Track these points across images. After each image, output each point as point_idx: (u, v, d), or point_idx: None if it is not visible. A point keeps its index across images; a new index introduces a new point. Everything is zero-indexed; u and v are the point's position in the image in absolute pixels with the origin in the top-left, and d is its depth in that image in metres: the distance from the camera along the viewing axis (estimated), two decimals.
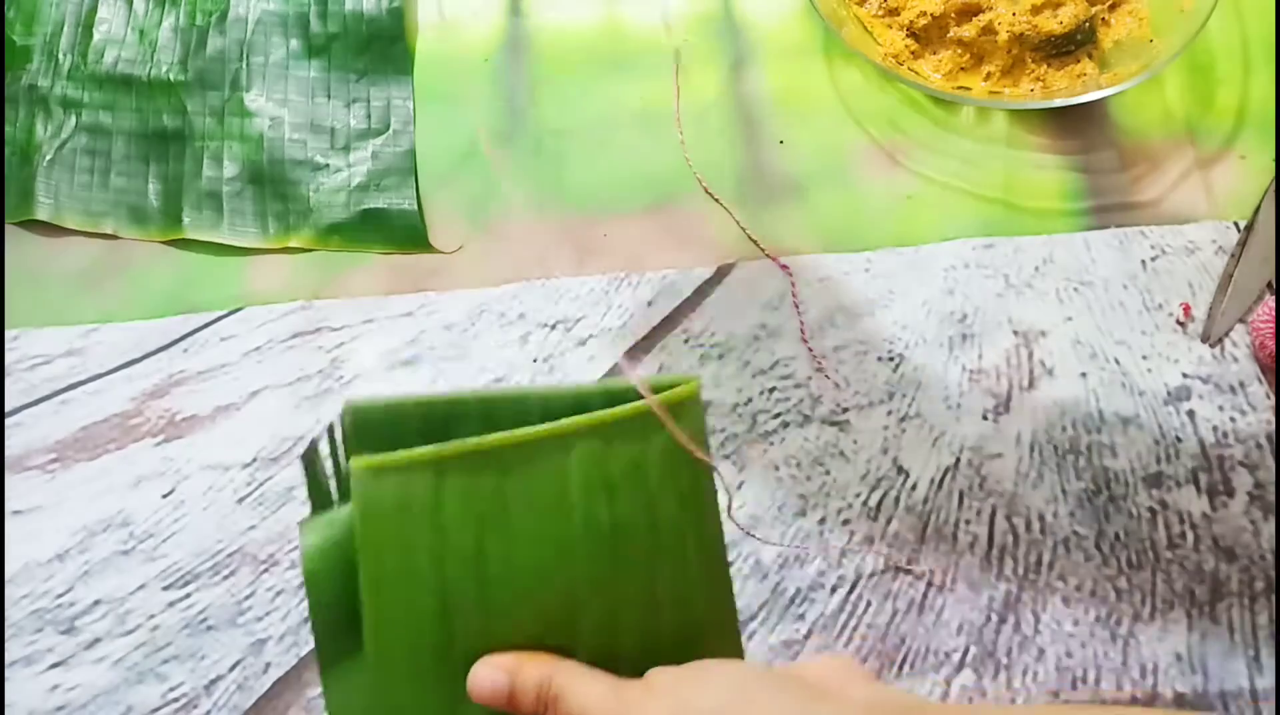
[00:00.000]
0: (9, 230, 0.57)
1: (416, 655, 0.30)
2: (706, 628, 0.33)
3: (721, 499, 0.34)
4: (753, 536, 0.45)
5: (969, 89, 0.56)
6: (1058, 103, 0.53)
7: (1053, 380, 0.48)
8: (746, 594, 0.44)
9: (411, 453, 0.31)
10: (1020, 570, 0.44)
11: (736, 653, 0.34)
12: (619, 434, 0.33)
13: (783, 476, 0.47)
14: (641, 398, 0.33)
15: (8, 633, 0.45)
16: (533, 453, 0.32)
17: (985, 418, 0.48)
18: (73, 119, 0.59)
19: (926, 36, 0.57)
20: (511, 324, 0.52)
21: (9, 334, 0.54)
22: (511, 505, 0.31)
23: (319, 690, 0.42)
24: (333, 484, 0.33)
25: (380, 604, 0.30)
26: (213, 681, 0.43)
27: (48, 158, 0.58)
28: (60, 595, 0.46)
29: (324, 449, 0.33)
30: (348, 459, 0.32)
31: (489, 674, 0.30)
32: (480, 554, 0.31)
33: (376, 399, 0.33)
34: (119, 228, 0.57)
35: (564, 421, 0.32)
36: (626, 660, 0.31)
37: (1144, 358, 0.49)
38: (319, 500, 0.33)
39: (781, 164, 0.56)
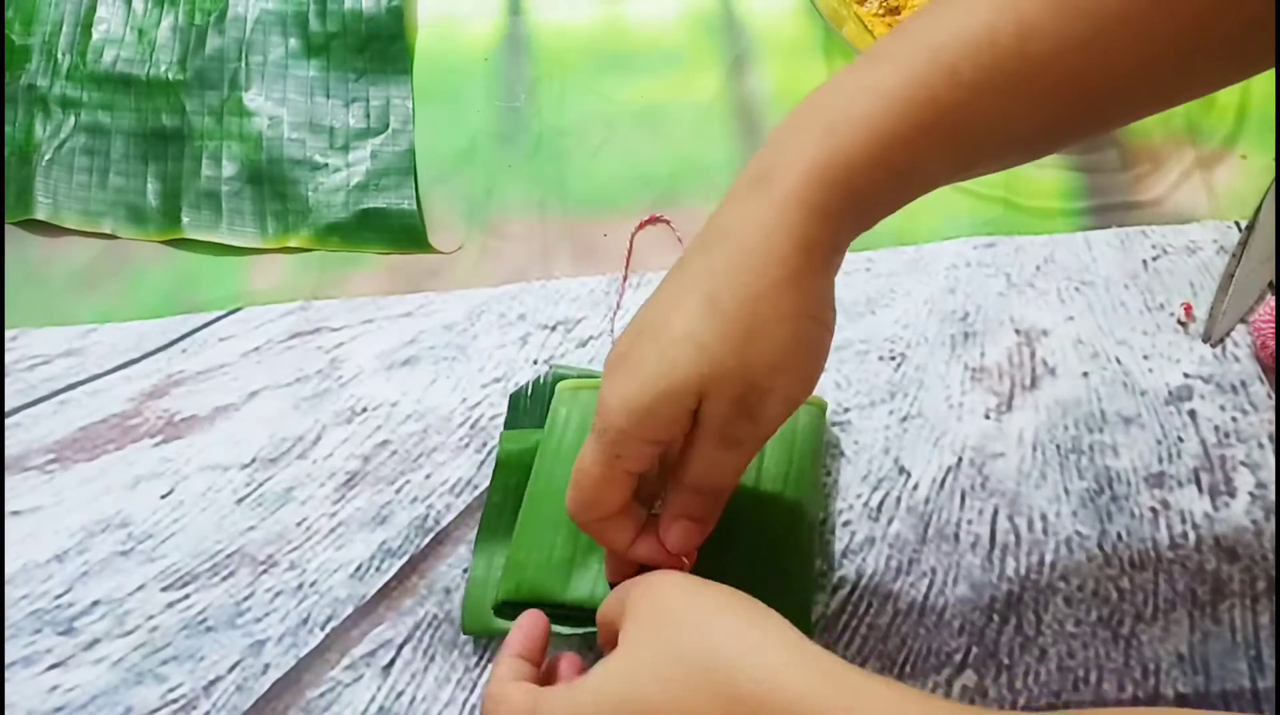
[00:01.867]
0: (8, 230, 0.57)
1: (557, 518, 0.41)
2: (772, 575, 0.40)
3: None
4: None
5: None
6: None
7: (1054, 380, 0.48)
8: None
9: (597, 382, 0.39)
10: (1022, 570, 0.44)
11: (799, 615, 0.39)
12: None
13: None
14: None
15: (6, 633, 0.45)
16: None
17: (987, 417, 0.47)
18: (71, 119, 0.59)
19: None
20: (511, 325, 0.52)
21: (8, 334, 0.54)
22: None
23: (318, 691, 0.42)
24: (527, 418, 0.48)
25: (542, 473, 0.44)
26: (211, 682, 0.43)
27: (46, 157, 0.58)
28: (59, 596, 0.46)
29: (528, 391, 0.49)
30: (551, 393, 0.47)
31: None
32: None
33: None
34: (118, 227, 0.57)
35: None
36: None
37: (1145, 357, 0.49)
38: (514, 426, 0.48)
39: None
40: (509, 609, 0.42)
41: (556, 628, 0.40)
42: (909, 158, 0.30)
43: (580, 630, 0.42)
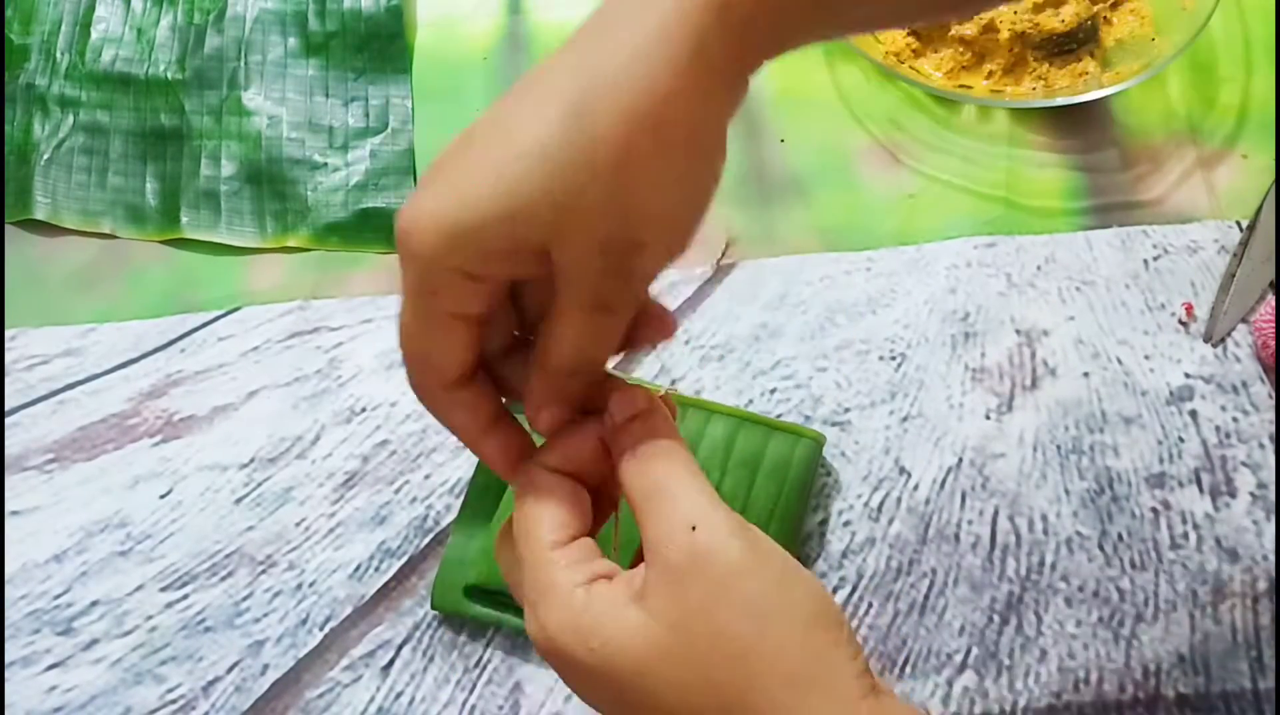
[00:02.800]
0: (7, 230, 0.57)
1: None
2: None
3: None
4: None
5: (970, 88, 0.56)
6: (1059, 101, 0.53)
7: (1055, 380, 0.48)
8: None
9: None
10: (1022, 571, 0.44)
11: None
12: (766, 438, 0.45)
13: None
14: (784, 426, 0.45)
15: (6, 633, 0.45)
16: (686, 411, 0.45)
17: (988, 417, 0.47)
18: (70, 118, 0.59)
19: (928, 35, 0.56)
20: None
21: (7, 333, 0.54)
22: None
23: (317, 692, 0.42)
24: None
25: None
26: (210, 683, 0.43)
27: (45, 157, 0.58)
28: (58, 596, 0.46)
29: None
30: None
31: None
32: None
33: None
34: (117, 227, 0.57)
35: (723, 405, 0.46)
36: None
37: (1146, 357, 0.48)
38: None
39: (783, 163, 0.55)
40: (479, 593, 0.42)
41: (516, 626, 0.42)
42: None
43: None
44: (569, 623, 0.25)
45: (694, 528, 0.25)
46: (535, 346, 0.28)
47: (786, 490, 0.44)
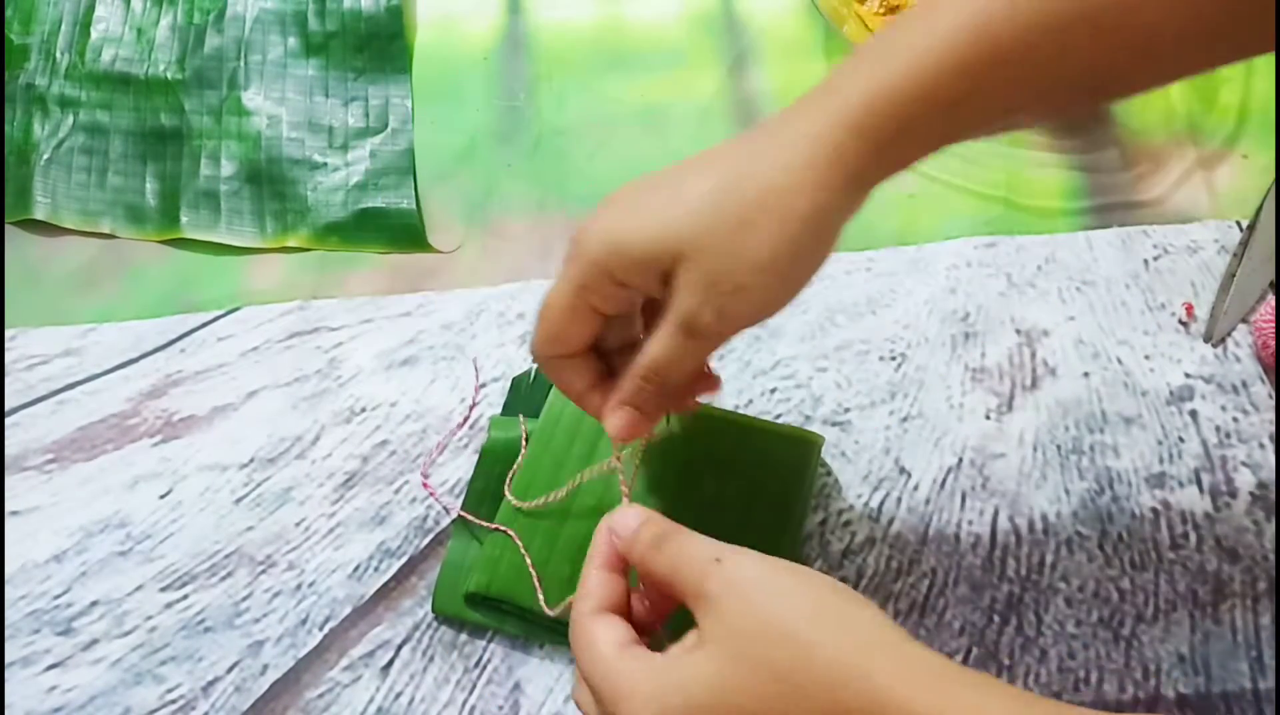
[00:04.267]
0: (7, 230, 0.57)
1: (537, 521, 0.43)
2: None
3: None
4: None
5: None
6: None
7: (1055, 380, 0.48)
8: None
9: None
10: (1022, 571, 0.44)
11: None
12: (765, 441, 0.45)
13: None
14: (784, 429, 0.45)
15: (6, 633, 0.45)
16: (686, 416, 0.45)
17: (988, 417, 0.47)
18: (70, 118, 0.59)
19: None
20: (510, 324, 0.52)
21: (7, 333, 0.54)
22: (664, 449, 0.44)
23: (317, 692, 0.42)
24: (524, 404, 0.48)
25: (527, 468, 0.44)
26: (210, 683, 0.43)
27: (45, 157, 0.58)
28: (58, 596, 0.45)
29: (529, 378, 0.49)
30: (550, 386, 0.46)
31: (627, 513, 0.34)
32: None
33: None
34: (116, 227, 0.57)
35: (722, 409, 0.46)
36: None
37: (1146, 357, 0.48)
38: (511, 411, 0.48)
39: None
40: (479, 600, 0.42)
41: (516, 630, 0.42)
42: (959, 91, 0.30)
43: (547, 639, 0.43)
44: (646, 693, 0.29)
45: (718, 560, 0.30)
46: (633, 358, 0.35)
47: (787, 492, 0.44)
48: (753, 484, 0.44)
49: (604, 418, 0.36)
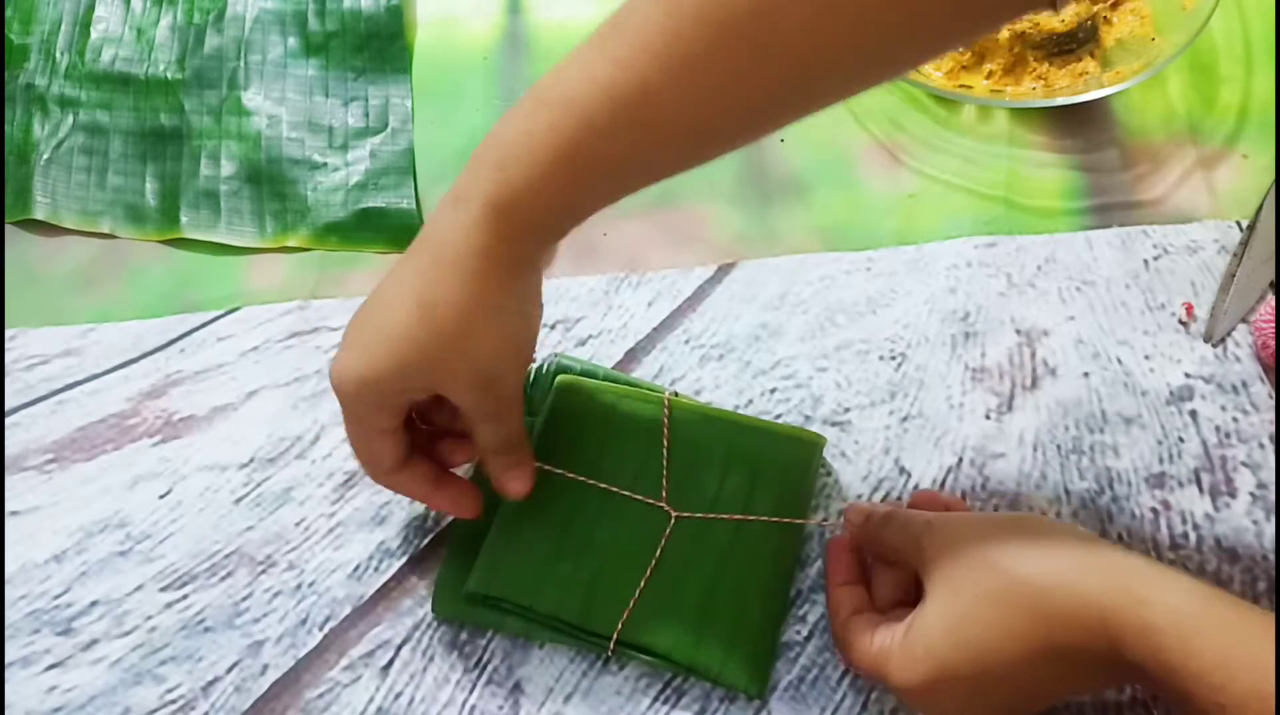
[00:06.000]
0: (6, 230, 0.57)
1: (538, 517, 0.43)
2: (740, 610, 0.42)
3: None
4: None
5: (971, 87, 0.56)
6: (1060, 101, 0.53)
7: (1055, 380, 0.48)
8: None
9: (596, 383, 0.47)
10: None
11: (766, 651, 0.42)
12: (766, 441, 0.45)
13: None
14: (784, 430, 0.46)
15: (5, 634, 0.45)
16: (685, 415, 0.45)
17: (988, 417, 0.47)
18: (70, 118, 0.59)
19: None
20: None
21: (6, 333, 0.54)
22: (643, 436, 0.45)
23: (317, 692, 0.42)
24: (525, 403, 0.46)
25: (544, 453, 0.44)
26: (210, 683, 0.43)
27: (45, 157, 0.58)
28: (57, 596, 0.45)
29: (529, 377, 0.48)
30: (550, 385, 0.47)
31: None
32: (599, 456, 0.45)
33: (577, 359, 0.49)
34: (116, 227, 0.57)
35: (723, 410, 0.47)
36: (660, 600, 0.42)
37: (1146, 357, 0.48)
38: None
39: (783, 162, 0.55)
40: (479, 599, 0.42)
41: (516, 630, 0.42)
42: (568, 190, 0.35)
43: (547, 638, 0.42)
44: (898, 664, 0.35)
45: (929, 523, 0.38)
46: (473, 443, 0.41)
47: (787, 492, 0.44)
48: (753, 483, 0.44)
49: (504, 489, 0.41)
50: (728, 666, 0.40)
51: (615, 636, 0.41)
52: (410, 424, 0.40)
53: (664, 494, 0.44)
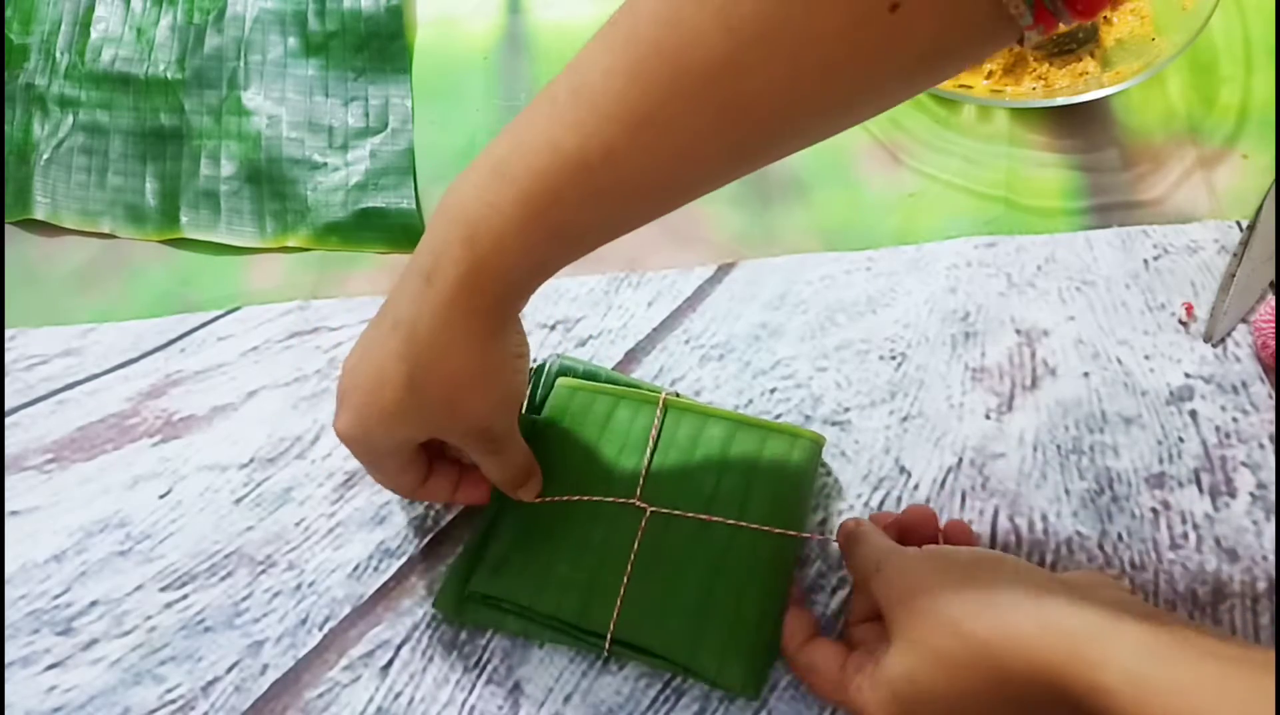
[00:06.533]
0: (6, 230, 0.57)
1: (544, 521, 0.44)
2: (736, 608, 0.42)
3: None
4: None
5: (971, 87, 0.56)
6: (1060, 101, 0.53)
7: (1055, 380, 0.48)
8: None
9: (595, 386, 0.47)
10: None
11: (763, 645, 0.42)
12: (764, 441, 0.45)
13: None
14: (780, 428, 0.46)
15: (5, 634, 0.45)
16: (683, 415, 0.46)
17: (988, 417, 0.47)
18: (70, 118, 0.59)
19: None
20: None
21: (6, 333, 0.54)
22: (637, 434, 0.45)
23: (317, 692, 0.42)
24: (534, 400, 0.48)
25: (543, 457, 0.44)
26: (210, 683, 0.43)
27: (45, 157, 0.58)
28: (57, 596, 0.45)
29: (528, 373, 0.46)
30: (552, 384, 0.48)
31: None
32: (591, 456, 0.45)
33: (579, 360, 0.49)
34: (116, 227, 0.57)
35: (722, 410, 0.46)
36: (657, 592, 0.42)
37: (1146, 357, 0.48)
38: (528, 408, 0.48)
39: (783, 163, 0.55)
40: (479, 598, 0.43)
41: (516, 629, 0.43)
42: (538, 253, 0.35)
43: (547, 637, 0.42)
44: (875, 704, 0.36)
45: (878, 569, 0.38)
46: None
47: (785, 492, 0.44)
48: (750, 482, 0.44)
49: (517, 498, 0.43)
50: (725, 668, 0.40)
51: (610, 635, 0.41)
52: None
53: (639, 491, 0.44)
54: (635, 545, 0.42)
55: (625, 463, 0.45)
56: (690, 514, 0.43)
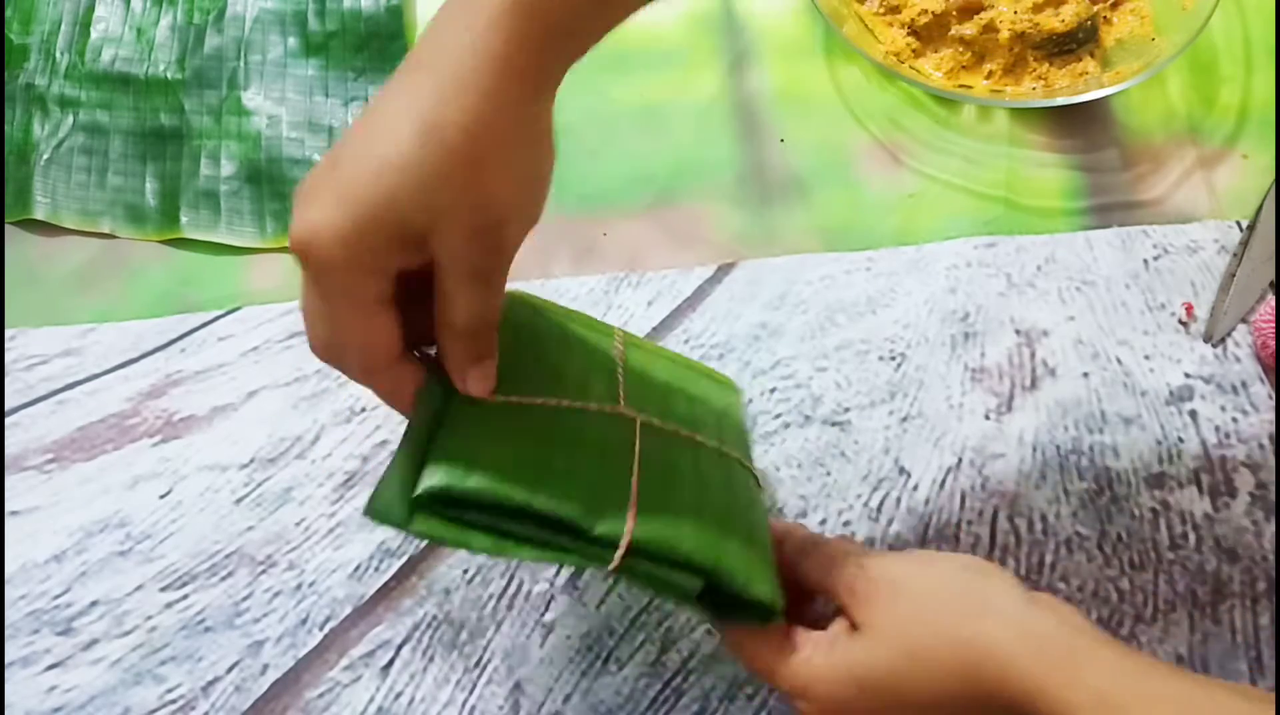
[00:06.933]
0: (6, 230, 0.57)
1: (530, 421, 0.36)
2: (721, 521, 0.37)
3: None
4: None
5: (970, 87, 0.56)
6: (1060, 101, 0.53)
7: (1055, 380, 0.48)
8: None
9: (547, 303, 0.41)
10: (1022, 571, 0.44)
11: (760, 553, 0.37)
12: (703, 379, 0.44)
13: (783, 477, 0.47)
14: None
15: (5, 634, 0.45)
16: (636, 348, 0.42)
17: (987, 417, 0.47)
18: (70, 118, 0.59)
19: (928, 34, 0.56)
20: None
21: (6, 333, 0.54)
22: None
23: (317, 692, 0.42)
24: None
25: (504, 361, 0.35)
26: (210, 683, 0.43)
27: (45, 157, 0.58)
28: (58, 596, 0.46)
29: None
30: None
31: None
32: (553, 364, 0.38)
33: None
34: (116, 227, 0.57)
35: (661, 347, 0.45)
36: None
37: (1146, 357, 0.48)
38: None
39: (783, 162, 0.55)
40: (440, 505, 0.32)
41: (485, 547, 0.32)
42: None
43: (527, 554, 0.33)
44: (828, 679, 0.34)
45: (861, 565, 0.35)
46: (437, 326, 0.33)
47: (741, 431, 0.43)
48: (717, 415, 0.42)
49: (466, 384, 0.34)
50: (753, 578, 0.35)
51: (626, 540, 0.33)
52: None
53: (621, 402, 0.38)
54: (636, 452, 0.36)
55: (596, 376, 0.39)
56: (683, 432, 0.39)
